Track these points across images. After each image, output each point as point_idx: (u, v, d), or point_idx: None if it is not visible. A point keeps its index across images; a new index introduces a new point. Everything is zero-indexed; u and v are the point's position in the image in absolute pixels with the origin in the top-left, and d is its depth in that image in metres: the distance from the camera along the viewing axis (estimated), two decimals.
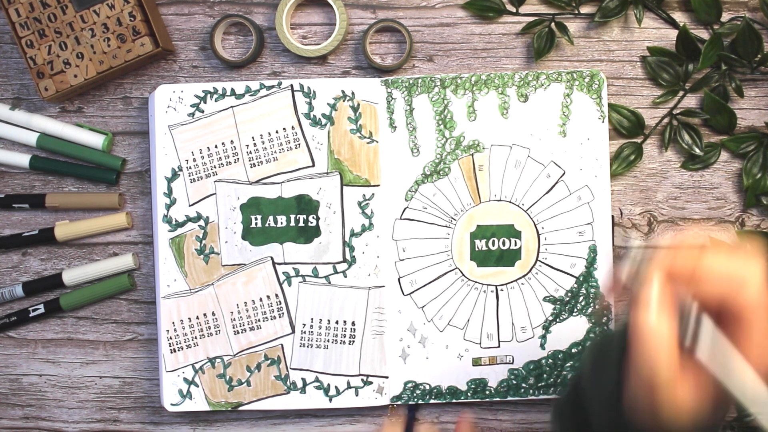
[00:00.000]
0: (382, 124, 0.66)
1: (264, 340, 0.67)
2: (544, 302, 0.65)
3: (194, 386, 0.67)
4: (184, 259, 0.67)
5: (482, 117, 0.66)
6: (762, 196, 0.66)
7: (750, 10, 0.66)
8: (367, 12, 0.68)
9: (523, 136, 0.65)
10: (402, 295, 0.66)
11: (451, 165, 0.66)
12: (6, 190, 0.70)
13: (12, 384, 0.70)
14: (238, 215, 0.67)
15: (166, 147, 0.67)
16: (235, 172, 0.67)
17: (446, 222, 0.66)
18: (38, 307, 0.69)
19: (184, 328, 0.67)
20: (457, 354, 0.65)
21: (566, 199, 0.65)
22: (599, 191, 0.65)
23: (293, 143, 0.66)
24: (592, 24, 0.67)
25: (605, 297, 0.65)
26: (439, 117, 0.65)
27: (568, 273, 0.65)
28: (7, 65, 0.70)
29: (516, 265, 0.65)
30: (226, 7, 0.69)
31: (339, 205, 0.66)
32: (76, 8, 0.65)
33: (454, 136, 0.65)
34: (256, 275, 0.67)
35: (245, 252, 0.67)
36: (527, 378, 0.65)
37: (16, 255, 0.70)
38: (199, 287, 0.67)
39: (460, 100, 0.65)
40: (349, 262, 0.66)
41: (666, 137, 0.66)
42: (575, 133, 0.65)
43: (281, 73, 0.68)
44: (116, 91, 0.69)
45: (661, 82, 0.66)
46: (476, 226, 0.66)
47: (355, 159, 0.66)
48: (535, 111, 0.65)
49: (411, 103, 0.66)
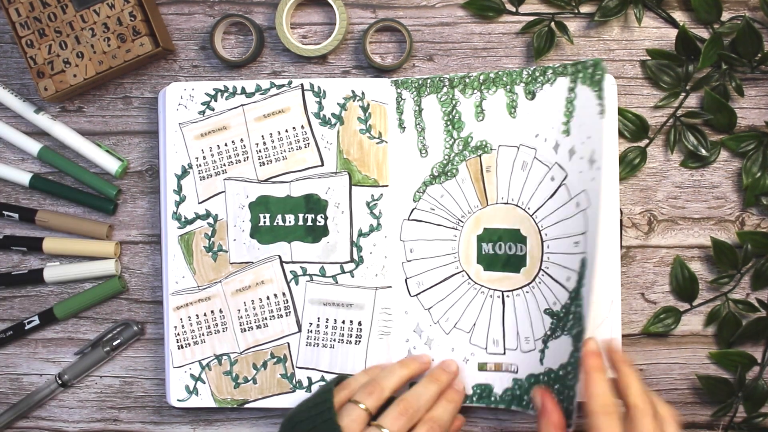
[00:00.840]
0: (391, 125, 0.66)
1: (271, 338, 0.67)
2: (545, 315, 0.63)
3: (201, 383, 0.67)
4: (193, 256, 0.67)
5: (490, 117, 0.65)
6: (762, 195, 0.66)
7: (750, 10, 0.66)
8: (367, 11, 0.68)
9: (530, 136, 0.64)
10: (409, 296, 0.66)
11: (458, 166, 0.65)
12: (6, 189, 0.70)
13: (12, 384, 0.70)
14: (246, 213, 0.67)
15: (176, 144, 0.67)
16: (245, 171, 0.67)
17: (453, 224, 0.66)
18: (33, 319, 0.69)
19: (192, 325, 0.67)
20: (462, 357, 0.65)
21: (566, 205, 0.62)
22: (594, 197, 0.58)
23: (302, 142, 0.66)
24: (591, 23, 0.67)
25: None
26: (448, 117, 0.65)
27: (564, 286, 0.61)
28: (7, 65, 0.70)
29: (521, 272, 0.64)
30: (226, 7, 0.69)
31: (347, 205, 0.66)
32: (76, 8, 0.65)
33: (462, 137, 0.65)
34: (264, 273, 0.67)
35: (253, 250, 0.67)
36: (528, 391, 0.62)
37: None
38: (207, 284, 0.67)
39: (469, 99, 0.65)
40: (357, 262, 0.66)
41: (672, 140, 0.66)
42: (577, 132, 0.62)
43: (281, 73, 0.68)
44: (116, 90, 0.69)
45: (663, 85, 0.66)
46: (483, 229, 0.65)
47: (364, 159, 0.66)
48: (541, 109, 0.63)
49: (420, 103, 0.66)
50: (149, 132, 0.69)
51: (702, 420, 0.67)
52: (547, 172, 0.63)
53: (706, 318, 0.67)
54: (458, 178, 0.65)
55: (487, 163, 0.65)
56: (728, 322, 0.66)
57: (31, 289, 0.70)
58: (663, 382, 0.67)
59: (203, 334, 0.67)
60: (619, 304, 0.65)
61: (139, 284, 0.69)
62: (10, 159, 0.70)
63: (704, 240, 0.67)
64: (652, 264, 0.67)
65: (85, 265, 0.68)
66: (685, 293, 0.67)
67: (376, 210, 0.66)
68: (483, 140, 0.65)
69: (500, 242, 0.65)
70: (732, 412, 0.67)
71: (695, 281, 0.66)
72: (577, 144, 0.61)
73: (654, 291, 0.67)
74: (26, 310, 0.70)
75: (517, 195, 0.64)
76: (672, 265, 0.67)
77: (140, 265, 0.69)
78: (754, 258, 0.66)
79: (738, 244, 0.66)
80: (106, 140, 0.69)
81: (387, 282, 0.66)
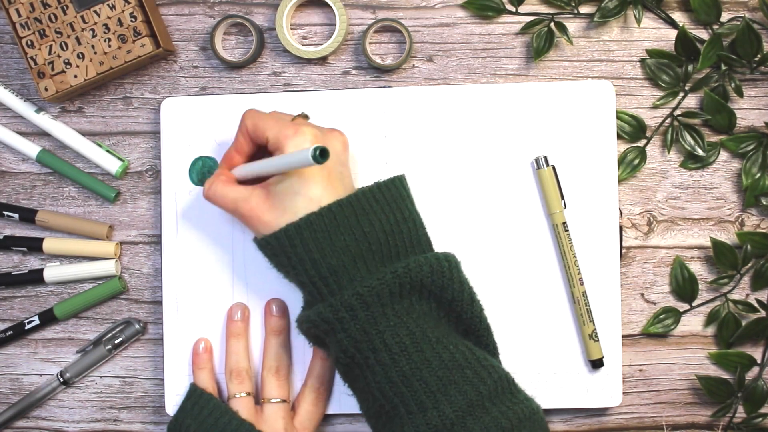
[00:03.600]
0: None
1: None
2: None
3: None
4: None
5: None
6: (761, 196, 0.66)
7: (750, 10, 0.66)
8: (366, 12, 0.68)
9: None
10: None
11: None
12: (6, 189, 0.70)
13: (12, 384, 0.70)
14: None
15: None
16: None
17: None
18: (33, 319, 0.69)
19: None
20: None
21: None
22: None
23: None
24: (591, 24, 0.67)
25: None
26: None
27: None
28: (7, 65, 0.70)
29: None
30: (226, 8, 0.69)
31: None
32: (76, 8, 0.65)
33: None
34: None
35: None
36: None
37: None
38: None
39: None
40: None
41: (668, 139, 0.66)
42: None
43: (281, 74, 0.68)
44: (116, 91, 0.69)
45: (661, 84, 0.66)
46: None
47: None
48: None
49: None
50: (149, 132, 0.69)
51: (702, 420, 0.67)
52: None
53: (706, 318, 0.67)
54: None
55: None
56: (728, 322, 0.66)
57: (31, 289, 0.70)
58: (663, 383, 0.67)
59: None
60: (619, 304, 0.65)
61: (139, 284, 0.69)
62: (10, 160, 0.70)
63: (704, 240, 0.67)
64: (651, 264, 0.67)
65: (85, 265, 0.68)
66: (684, 294, 0.67)
67: None
68: None
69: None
70: (731, 413, 0.66)
71: (695, 282, 0.66)
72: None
73: (654, 291, 0.67)
74: (26, 310, 0.70)
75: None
76: (672, 266, 0.67)
77: (140, 266, 0.69)
78: (754, 258, 0.66)
79: (738, 244, 0.66)
80: (106, 140, 0.69)
81: None
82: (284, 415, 0.63)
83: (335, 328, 0.54)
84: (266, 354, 0.64)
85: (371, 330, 0.54)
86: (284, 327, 0.65)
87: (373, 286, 0.54)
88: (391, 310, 0.54)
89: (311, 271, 0.55)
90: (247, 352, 0.65)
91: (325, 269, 0.55)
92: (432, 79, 0.68)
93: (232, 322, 0.65)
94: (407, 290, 0.55)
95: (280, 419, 0.62)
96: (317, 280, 0.55)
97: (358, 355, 0.54)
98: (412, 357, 0.53)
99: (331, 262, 0.55)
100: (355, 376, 0.56)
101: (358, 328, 0.54)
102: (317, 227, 0.55)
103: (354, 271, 0.55)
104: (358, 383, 0.56)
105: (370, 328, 0.54)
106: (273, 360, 0.64)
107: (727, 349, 0.67)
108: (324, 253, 0.55)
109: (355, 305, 0.54)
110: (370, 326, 0.54)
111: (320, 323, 0.55)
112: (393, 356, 0.53)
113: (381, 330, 0.54)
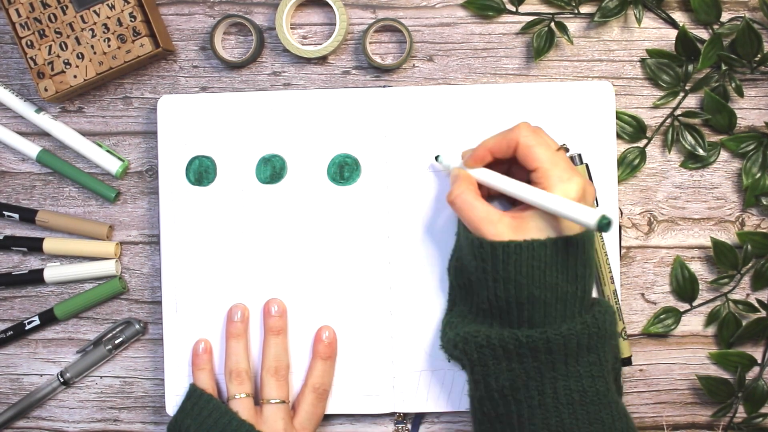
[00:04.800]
0: None
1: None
2: None
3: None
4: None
5: None
6: (762, 196, 0.66)
7: (750, 10, 0.66)
8: (367, 12, 0.68)
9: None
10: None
11: None
12: (7, 189, 0.70)
13: (12, 384, 0.70)
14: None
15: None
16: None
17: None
18: (33, 319, 0.69)
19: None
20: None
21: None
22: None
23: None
24: (591, 24, 0.67)
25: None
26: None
27: None
28: (7, 65, 0.70)
29: None
30: (226, 7, 0.69)
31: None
32: (76, 8, 0.65)
33: None
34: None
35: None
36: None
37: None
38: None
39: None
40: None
41: (669, 139, 0.66)
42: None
43: (281, 73, 0.68)
44: (116, 91, 0.69)
45: (662, 84, 0.66)
46: None
47: None
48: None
49: None
50: (149, 132, 0.69)
51: (702, 420, 0.67)
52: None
53: (706, 318, 0.67)
54: None
55: None
56: (728, 322, 0.66)
57: (31, 290, 0.70)
58: (663, 383, 0.67)
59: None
60: (620, 304, 0.65)
61: (139, 284, 0.69)
62: (10, 160, 0.70)
63: (704, 240, 0.67)
64: (652, 264, 0.67)
65: (86, 265, 0.68)
66: (685, 294, 0.67)
67: None
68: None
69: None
70: (732, 413, 0.67)
71: (695, 282, 0.66)
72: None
73: (654, 291, 0.67)
74: (26, 310, 0.70)
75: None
76: (672, 266, 0.67)
77: (140, 266, 0.69)
78: (754, 258, 0.66)
79: (738, 244, 0.66)
80: (106, 140, 0.69)
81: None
82: (284, 415, 0.63)
83: (511, 358, 0.55)
84: (265, 355, 0.64)
85: (547, 374, 0.54)
86: (284, 327, 0.65)
87: (564, 335, 0.53)
88: (574, 360, 0.54)
89: (511, 291, 0.54)
90: (246, 353, 0.65)
91: (525, 296, 0.54)
92: (432, 79, 0.68)
93: (231, 323, 0.65)
94: (593, 344, 0.55)
95: (279, 420, 0.62)
96: (513, 302, 0.54)
97: (522, 391, 0.54)
98: (576, 413, 0.54)
99: (534, 292, 0.54)
100: (506, 407, 0.55)
101: (535, 367, 0.54)
102: (537, 254, 0.54)
103: (550, 311, 0.54)
104: (499, 412, 0.56)
105: (546, 372, 0.54)
106: (272, 360, 0.64)
107: (727, 349, 0.67)
108: (533, 279, 0.54)
109: (540, 347, 0.54)
110: (546, 369, 0.54)
111: (497, 348, 0.55)
112: (558, 405, 0.54)
113: (555, 376, 0.54)
